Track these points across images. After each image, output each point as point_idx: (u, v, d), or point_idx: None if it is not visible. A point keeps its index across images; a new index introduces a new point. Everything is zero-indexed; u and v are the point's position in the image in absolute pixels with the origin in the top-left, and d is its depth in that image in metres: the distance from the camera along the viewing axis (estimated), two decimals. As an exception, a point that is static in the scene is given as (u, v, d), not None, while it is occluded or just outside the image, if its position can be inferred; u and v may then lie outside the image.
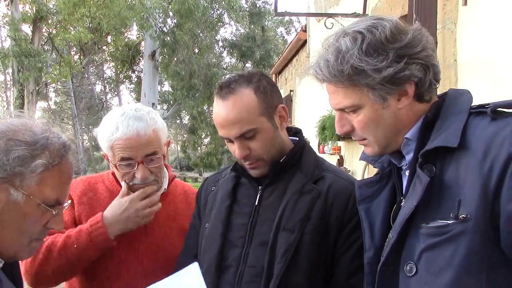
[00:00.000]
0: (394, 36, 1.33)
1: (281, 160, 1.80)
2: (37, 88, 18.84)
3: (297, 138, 1.93)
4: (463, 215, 1.21)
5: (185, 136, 33.24)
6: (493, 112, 1.28)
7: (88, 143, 36.87)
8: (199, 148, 31.15)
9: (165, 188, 2.19)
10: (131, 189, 2.04)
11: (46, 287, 2.04)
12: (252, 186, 1.86)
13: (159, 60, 20.96)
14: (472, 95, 1.41)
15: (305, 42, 10.40)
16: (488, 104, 1.32)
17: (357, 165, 6.54)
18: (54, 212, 1.32)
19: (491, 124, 1.26)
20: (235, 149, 1.76)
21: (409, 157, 1.43)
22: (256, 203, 1.81)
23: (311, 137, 8.58)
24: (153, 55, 19.57)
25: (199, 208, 2.05)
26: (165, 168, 2.19)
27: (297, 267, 1.66)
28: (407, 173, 1.45)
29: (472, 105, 1.37)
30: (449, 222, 1.23)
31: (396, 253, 1.37)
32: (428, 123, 1.39)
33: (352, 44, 1.34)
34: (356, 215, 1.71)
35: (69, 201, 1.44)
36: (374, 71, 1.31)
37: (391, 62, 1.31)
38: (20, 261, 1.76)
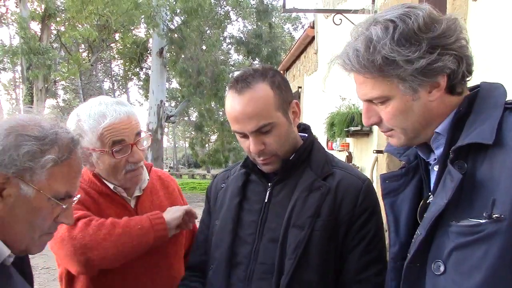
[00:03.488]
0: (428, 25, 1.27)
1: (290, 158, 1.79)
2: (46, 85, 18.92)
3: (306, 135, 1.92)
4: (496, 215, 1.16)
5: (193, 133, 33.29)
6: None
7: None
8: (206, 145, 31.20)
9: (147, 179, 2.20)
10: (125, 178, 2.03)
11: (97, 268, 1.94)
12: (262, 183, 1.85)
13: (167, 57, 20.97)
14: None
15: (313, 38, 10.34)
16: None
17: (366, 161, 6.51)
18: (64, 206, 1.33)
19: None
20: (249, 144, 1.74)
21: (438, 151, 1.39)
22: (266, 200, 1.81)
23: (320, 133, 8.55)
24: (160, 52, 19.59)
25: (209, 205, 2.06)
26: None
27: (307, 263, 1.66)
28: (435, 168, 1.40)
29: (506, 99, 1.33)
30: (481, 221, 1.19)
31: (424, 251, 1.33)
32: (460, 117, 1.33)
33: (383, 33, 1.28)
34: (366, 211, 1.71)
35: (79, 196, 1.43)
36: (406, 62, 1.26)
37: (424, 53, 1.25)
38: (58, 246, 1.83)
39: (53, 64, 18.61)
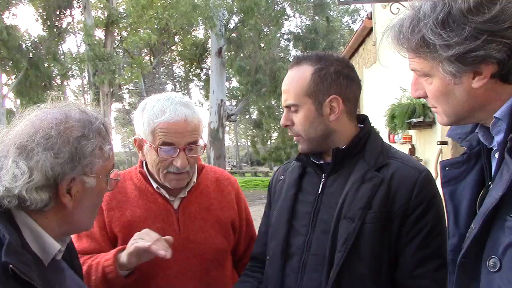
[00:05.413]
0: (478, 7, 1.13)
1: (343, 147, 1.76)
2: (111, 90, 19.67)
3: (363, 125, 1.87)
4: None
5: (254, 131, 33.54)
6: None
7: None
8: (268, 143, 31.35)
9: (194, 182, 2.14)
10: (164, 177, 2.00)
11: None
12: (317, 175, 1.84)
13: (226, 56, 21.22)
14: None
15: (371, 30, 10.11)
16: None
17: (430, 154, 6.28)
18: (116, 179, 1.47)
19: None
20: None
21: (498, 138, 1.27)
22: (319, 191, 1.79)
23: (381, 126, 8.36)
24: (219, 52, 19.86)
25: (270, 197, 2.07)
26: None
27: (358, 256, 1.62)
28: (496, 155, 1.29)
29: None
30: None
31: (479, 245, 1.24)
32: None
33: (430, 11, 1.18)
34: (422, 203, 1.63)
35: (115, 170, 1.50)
36: (443, 47, 1.16)
37: (465, 39, 1.14)
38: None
39: (117, 69, 19.32)
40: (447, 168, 1.43)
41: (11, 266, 1.10)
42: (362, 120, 1.88)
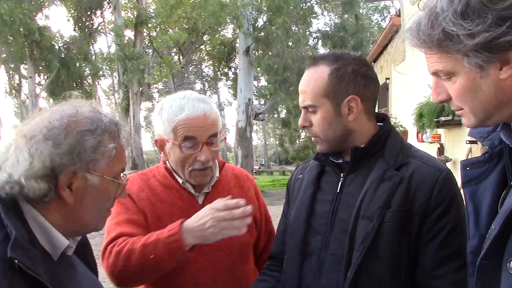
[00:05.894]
0: None
1: (362, 146, 1.74)
2: (140, 89, 19.92)
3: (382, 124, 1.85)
4: None
5: (283, 130, 33.50)
6: None
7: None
8: (296, 141, 31.27)
9: (217, 176, 2.18)
10: (189, 175, 2.03)
11: (134, 286, 2.07)
12: (335, 174, 1.82)
13: (254, 55, 21.24)
14: None
15: (399, 27, 9.97)
16: None
17: (459, 153, 6.15)
18: (123, 183, 1.45)
19: None
20: None
21: None
22: (338, 191, 1.78)
23: (409, 125, 8.23)
24: (247, 51, 19.86)
25: (289, 195, 2.07)
26: None
27: (376, 256, 1.60)
28: None
29: None
30: None
31: (499, 247, 1.20)
32: None
33: (448, 5, 1.15)
34: (442, 203, 1.60)
35: (128, 172, 1.50)
36: (467, 37, 1.12)
37: (489, 26, 1.10)
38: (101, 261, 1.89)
39: (147, 68, 19.56)
40: (468, 168, 1.38)
41: (16, 261, 1.12)
42: (381, 119, 1.85)
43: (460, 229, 1.59)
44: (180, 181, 2.10)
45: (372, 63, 14.73)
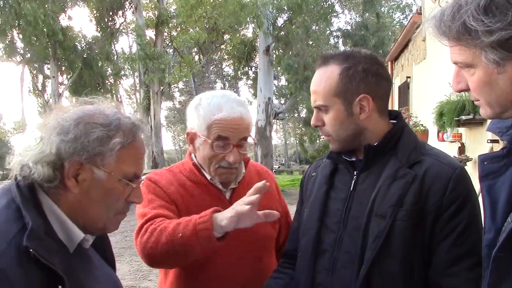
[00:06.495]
0: None
1: (375, 144, 1.74)
2: (161, 88, 20.09)
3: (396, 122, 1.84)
4: None
5: (303, 129, 33.45)
6: None
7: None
8: (317, 141, 31.20)
9: (243, 173, 2.23)
10: (215, 171, 2.07)
11: (162, 267, 2.11)
12: (348, 172, 1.83)
13: (274, 54, 21.23)
14: None
15: (420, 25, 9.87)
16: None
17: (480, 152, 5.96)
18: (134, 186, 1.43)
19: None
20: None
21: None
22: (351, 189, 1.78)
23: (429, 124, 8.15)
24: (267, 50, 19.86)
25: (303, 193, 2.08)
26: None
27: (389, 254, 1.59)
28: None
29: None
30: None
31: None
32: None
33: None
34: (456, 200, 1.58)
35: (144, 176, 1.50)
36: (485, 33, 1.14)
37: (508, 25, 1.12)
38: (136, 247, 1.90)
39: (167, 68, 19.73)
40: (485, 163, 1.39)
41: (32, 250, 1.15)
42: (395, 117, 1.84)
43: (474, 227, 1.58)
44: (209, 177, 2.14)
45: (393, 62, 14.61)
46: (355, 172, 1.79)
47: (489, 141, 5.34)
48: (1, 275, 1.11)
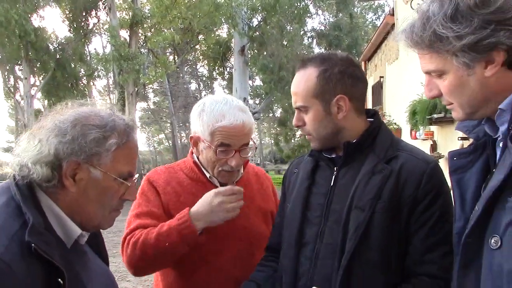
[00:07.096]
0: (484, 1, 1.25)
1: (353, 141, 1.83)
2: (136, 89, 19.92)
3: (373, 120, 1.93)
4: None
5: (278, 129, 33.54)
6: None
7: (186, 140, 38.30)
8: (292, 140, 31.30)
9: (241, 173, 2.32)
10: (218, 174, 2.17)
11: (148, 273, 2.22)
12: (329, 168, 1.91)
13: (249, 55, 21.26)
14: None
15: (393, 26, 10.06)
16: None
17: (451, 149, 6.21)
18: (128, 184, 1.48)
19: None
20: None
21: (503, 128, 1.35)
22: (332, 184, 1.86)
23: (402, 123, 8.32)
24: (242, 50, 19.91)
25: (285, 189, 2.16)
26: None
27: (369, 244, 1.68)
28: (501, 144, 1.38)
29: None
30: None
31: (482, 226, 1.31)
32: None
33: (438, 9, 1.28)
34: (430, 193, 1.69)
35: (137, 175, 1.58)
36: (455, 38, 1.25)
37: (475, 29, 1.24)
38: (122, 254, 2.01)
39: (142, 69, 19.56)
40: (455, 158, 1.51)
41: (33, 245, 1.20)
42: (372, 115, 1.94)
43: (447, 218, 1.67)
44: (208, 175, 2.22)
45: (367, 62, 14.81)
46: (335, 168, 1.87)
47: (459, 138, 5.50)
48: (7, 269, 1.15)
